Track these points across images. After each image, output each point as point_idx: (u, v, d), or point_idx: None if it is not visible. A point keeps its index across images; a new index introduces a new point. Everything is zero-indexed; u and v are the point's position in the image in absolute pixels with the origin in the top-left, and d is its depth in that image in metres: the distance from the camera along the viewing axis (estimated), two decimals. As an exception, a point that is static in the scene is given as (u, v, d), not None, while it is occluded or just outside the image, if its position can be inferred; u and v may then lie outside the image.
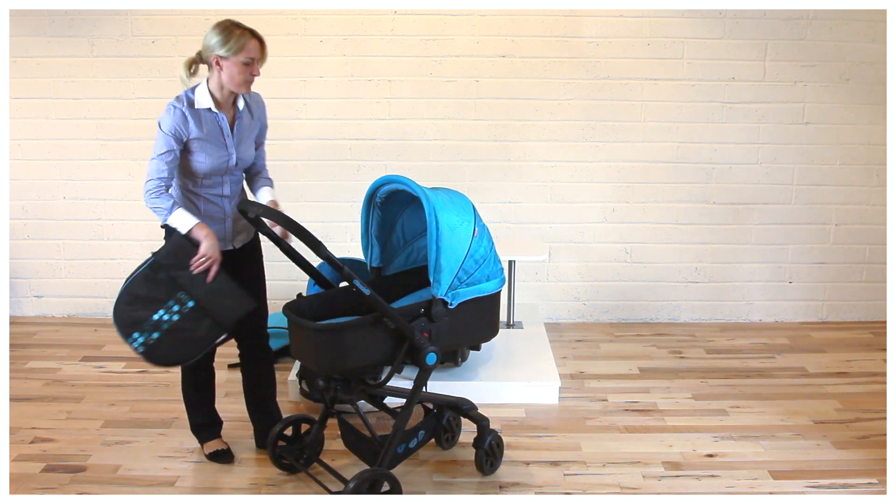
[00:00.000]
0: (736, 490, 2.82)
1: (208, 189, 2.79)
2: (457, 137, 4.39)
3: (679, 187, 4.45)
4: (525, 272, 4.53)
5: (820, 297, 4.61)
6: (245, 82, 2.70)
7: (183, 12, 4.22)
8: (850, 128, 4.38)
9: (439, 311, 2.57)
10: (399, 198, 2.81)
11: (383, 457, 2.59)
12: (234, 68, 2.65)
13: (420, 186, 2.59)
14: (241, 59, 2.64)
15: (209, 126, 2.72)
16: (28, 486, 2.82)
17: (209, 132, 2.72)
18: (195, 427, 3.06)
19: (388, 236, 2.90)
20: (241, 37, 2.63)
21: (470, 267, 2.62)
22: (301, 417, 2.92)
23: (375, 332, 2.51)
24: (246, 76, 2.68)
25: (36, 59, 4.30)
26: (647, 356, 4.09)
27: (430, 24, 4.24)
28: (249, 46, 2.64)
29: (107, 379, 3.77)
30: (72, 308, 4.63)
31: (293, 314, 2.57)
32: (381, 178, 2.74)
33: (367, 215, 2.82)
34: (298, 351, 2.63)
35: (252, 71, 2.68)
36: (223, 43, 2.63)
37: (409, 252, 2.94)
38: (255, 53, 2.67)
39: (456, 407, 2.93)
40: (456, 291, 2.60)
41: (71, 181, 4.45)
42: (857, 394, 3.61)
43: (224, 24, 2.66)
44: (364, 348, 2.51)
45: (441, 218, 2.55)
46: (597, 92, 4.33)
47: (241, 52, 2.63)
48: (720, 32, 4.25)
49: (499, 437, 2.92)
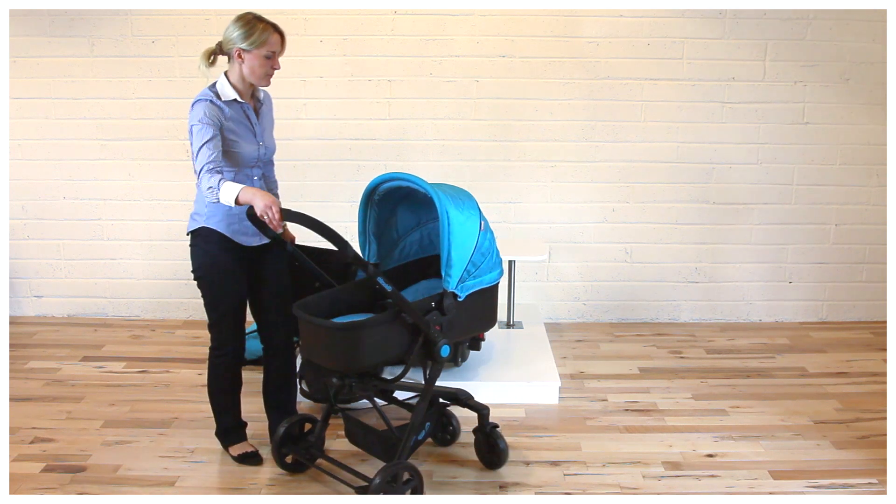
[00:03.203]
0: (736, 490, 2.82)
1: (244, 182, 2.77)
2: (457, 137, 4.39)
3: (679, 187, 4.45)
4: (525, 272, 4.53)
5: (820, 297, 4.61)
6: (266, 75, 2.75)
7: (183, 12, 4.22)
8: (850, 128, 4.38)
9: (450, 304, 2.62)
10: (394, 194, 2.84)
11: (403, 449, 2.62)
12: (255, 61, 2.69)
13: (429, 183, 2.63)
14: (264, 53, 2.69)
15: (237, 115, 2.75)
16: (28, 486, 2.82)
17: (238, 121, 2.75)
18: (223, 430, 3.03)
19: (384, 233, 2.93)
20: (265, 31, 2.68)
21: (478, 260, 2.67)
22: (304, 417, 2.93)
23: (393, 328, 2.55)
24: (267, 69, 2.73)
25: (36, 59, 4.30)
26: (647, 356, 4.09)
27: (430, 24, 4.24)
28: (272, 40, 2.70)
29: (107, 379, 3.77)
30: (72, 308, 4.63)
31: (306, 314, 2.58)
32: (383, 175, 2.76)
33: (364, 213, 2.84)
34: (312, 350, 2.63)
35: (273, 64, 2.74)
36: (246, 36, 2.67)
37: (402, 247, 2.98)
38: (277, 47, 2.72)
39: (454, 398, 2.97)
40: (464, 284, 2.65)
41: (71, 181, 4.46)
42: (857, 394, 3.61)
43: (247, 18, 2.70)
44: (382, 345, 2.55)
45: (452, 214, 2.59)
46: (597, 92, 4.33)
47: (263, 46, 2.68)
48: (720, 32, 4.25)
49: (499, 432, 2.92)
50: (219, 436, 3.04)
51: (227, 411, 3.01)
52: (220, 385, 2.95)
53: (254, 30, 2.67)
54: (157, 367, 3.90)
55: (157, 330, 4.45)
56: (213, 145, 2.62)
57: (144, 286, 4.59)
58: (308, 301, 2.70)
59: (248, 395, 3.58)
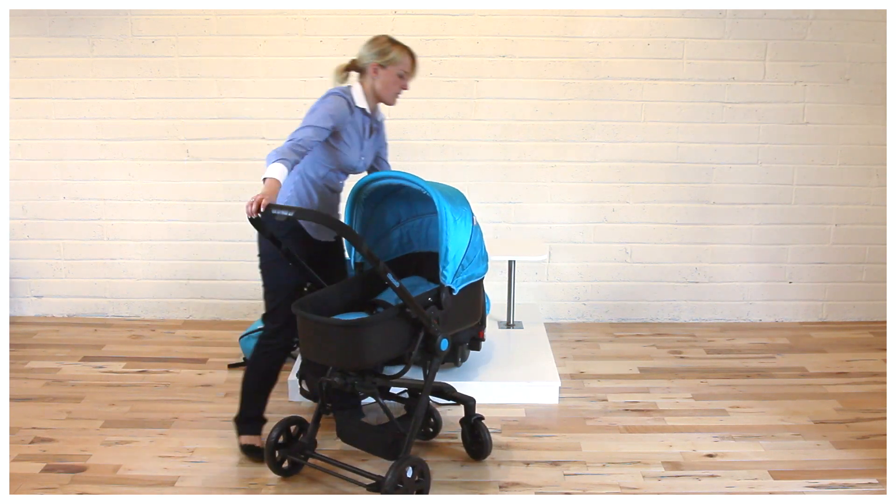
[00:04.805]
0: (736, 490, 2.82)
1: (329, 182, 2.92)
2: (457, 137, 4.39)
3: (679, 187, 4.45)
4: (525, 272, 4.54)
5: (820, 297, 4.61)
6: (395, 94, 2.94)
7: (183, 12, 4.22)
8: (850, 128, 4.38)
9: (447, 298, 2.66)
10: (378, 193, 2.89)
11: (407, 444, 2.64)
12: (389, 78, 2.90)
13: (425, 181, 2.66)
14: (397, 71, 2.89)
15: (358, 124, 2.90)
16: (28, 486, 2.82)
17: (356, 128, 2.89)
18: (244, 418, 3.04)
19: (367, 231, 2.96)
20: (401, 52, 2.90)
21: (471, 254, 2.72)
22: (292, 419, 2.92)
23: (395, 325, 2.58)
24: (398, 89, 2.93)
25: (36, 59, 4.30)
26: (647, 356, 4.09)
27: (430, 24, 4.24)
28: (406, 61, 2.91)
29: (107, 379, 3.77)
30: (72, 308, 4.63)
31: (308, 313, 2.59)
32: (371, 174, 2.83)
33: (351, 212, 2.89)
34: (314, 349, 2.63)
35: (403, 84, 2.93)
36: (384, 53, 2.89)
37: (385, 245, 3.02)
38: (408, 68, 2.92)
39: (439, 391, 3.01)
40: (458, 278, 2.69)
41: (71, 181, 4.46)
42: (857, 394, 3.61)
43: (384, 38, 2.92)
44: (384, 341, 2.57)
45: (450, 210, 2.64)
46: (597, 92, 4.33)
47: (398, 65, 2.88)
48: (720, 32, 4.25)
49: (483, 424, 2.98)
50: (237, 421, 3.06)
51: (256, 400, 3.04)
52: (260, 371, 3.00)
53: (392, 48, 2.88)
54: (157, 367, 3.90)
55: (157, 330, 4.45)
56: (317, 133, 2.73)
57: (144, 286, 4.59)
58: (305, 300, 2.70)
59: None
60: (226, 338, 4.30)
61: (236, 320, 4.57)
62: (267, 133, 4.36)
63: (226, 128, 4.37)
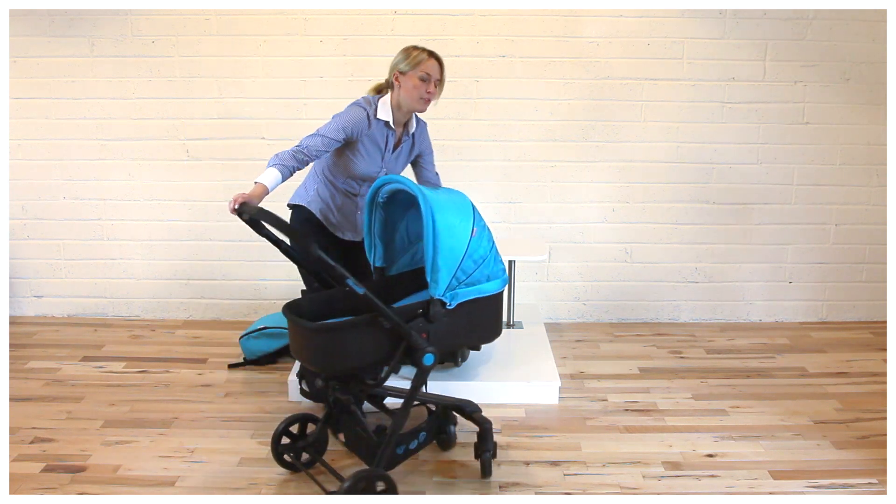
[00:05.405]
0: (736, 490, 2.82)
1: (351, 188, 3.00)
2: (457, 137, 4.39)
3: (679, 187, 4.45)
4: (525, 272, 4.54)
5: (820, 297, 4.61)
6: (420, 99, 2.94)
7: (183, 12, 4.22)
8: (850, 128, 4.38)
9: (437, 312, 2.55)
10: (402, 198, 2.81)
11: (380, 457, 2.58)
12: (410, 82, 2.93)
13: (417, 186, 2.60)
14: (419, 74, 2.89)
15: (378, 137, 2.93)
16: (28, 486, 2.81)
17: (374, 141, 2.92)
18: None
19: (392, 236, 2.90)
20: (420, 54, 2.95)
21: (468, 267, 2.60)
22: (307, 416, 2.92)
23: (372, 332, 2.50)
24: (422, 92, 2.93)
25: (36, 59, 4.30)
26: (647, 356, 4.09)
27: (430, 24, 4.24)
28: (427, 64, 2.95)
29: (107, 379, 3.77)
30: (72, 308, 4.63)
31: (291, 314, 2.56)
32: (382, 178, 2.76)
33: (370, 215, 2.83)
34: (297, 351, 2.63)
35: (427, 88, 2.93)
36: (403, 59, 2.93)
37: (413, 252, 2.95)
38: (433, 71, 2.93)
39: (459, 409, 2.92)
40: (455, 292, 2.58)
41: (71, 181, 4.46)
42: (857, 394, 3.61)
43: (406, 47, 3.01)
44: (361, 348, 2.49)
45: (438, 217, 2.53)
46: (597, 92, 4.33)
47: (418, 67, 2.90)
48: (720, 32, 4.26)
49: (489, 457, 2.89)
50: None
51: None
52: None
53: (410, 53, 2.94)
54: (157, 367, 3.90)
55: (157, 330, 4.45)
56: (325, 143, 2.81)
57: (144, 286, 4.59)
58: (301, 301, 2.69)
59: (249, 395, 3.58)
60: (226, 338, 4.30)
61: (236, 320, 4.57)
62: (267, 133, 4.37)
63: (226, 128, 4.37)
